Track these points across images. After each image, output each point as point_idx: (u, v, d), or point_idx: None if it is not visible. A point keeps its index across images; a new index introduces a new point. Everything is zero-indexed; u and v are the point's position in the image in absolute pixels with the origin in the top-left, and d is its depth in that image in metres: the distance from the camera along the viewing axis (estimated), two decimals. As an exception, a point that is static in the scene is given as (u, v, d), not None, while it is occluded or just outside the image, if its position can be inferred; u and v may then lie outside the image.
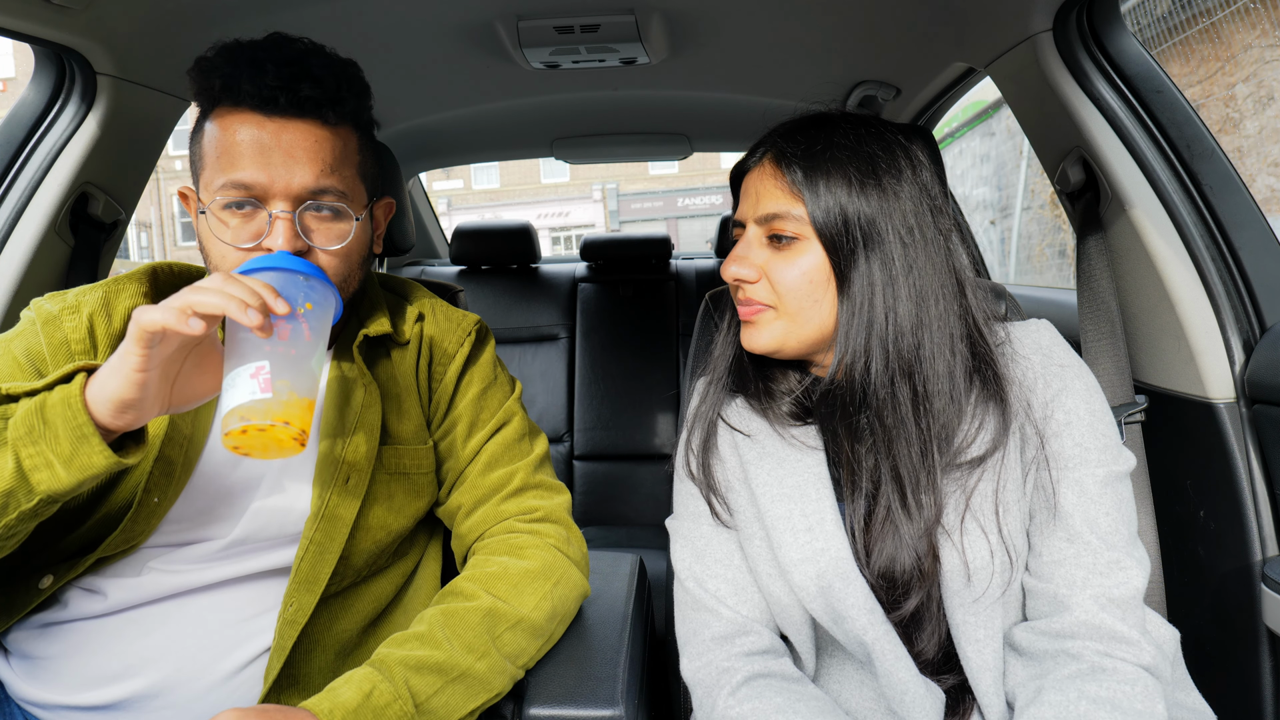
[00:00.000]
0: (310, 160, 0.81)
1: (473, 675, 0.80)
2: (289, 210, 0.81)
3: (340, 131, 0.85)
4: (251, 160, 0.80)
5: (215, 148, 0.81)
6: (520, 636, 0.85)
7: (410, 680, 0.76)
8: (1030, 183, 6.93)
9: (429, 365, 0.99)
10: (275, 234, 0.80)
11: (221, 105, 0.82)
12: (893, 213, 0.79)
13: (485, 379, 1.02)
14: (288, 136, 0.81)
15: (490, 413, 1.01)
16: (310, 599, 0.85)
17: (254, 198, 0.80)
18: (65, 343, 0.83)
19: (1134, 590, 0.75)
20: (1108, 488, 0.78)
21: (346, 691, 0.73)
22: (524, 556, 0.91)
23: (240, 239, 0.81)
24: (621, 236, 2.67)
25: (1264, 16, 4.31)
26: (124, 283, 0.88)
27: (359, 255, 0.89)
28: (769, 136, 0.87)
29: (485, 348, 1.04)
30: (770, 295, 0.83)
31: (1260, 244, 1.09)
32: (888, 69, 1.66)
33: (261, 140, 0.80)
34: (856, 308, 0.79)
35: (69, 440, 0.67)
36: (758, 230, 0.84)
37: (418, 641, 0.79)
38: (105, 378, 0.68)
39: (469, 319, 1.03)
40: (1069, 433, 0.79)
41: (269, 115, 0.81)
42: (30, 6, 1.02)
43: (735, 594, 0.86)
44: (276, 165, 0.80)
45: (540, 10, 1.34)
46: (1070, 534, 0.77)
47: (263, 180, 0.80)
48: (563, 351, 2.52)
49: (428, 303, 1.03)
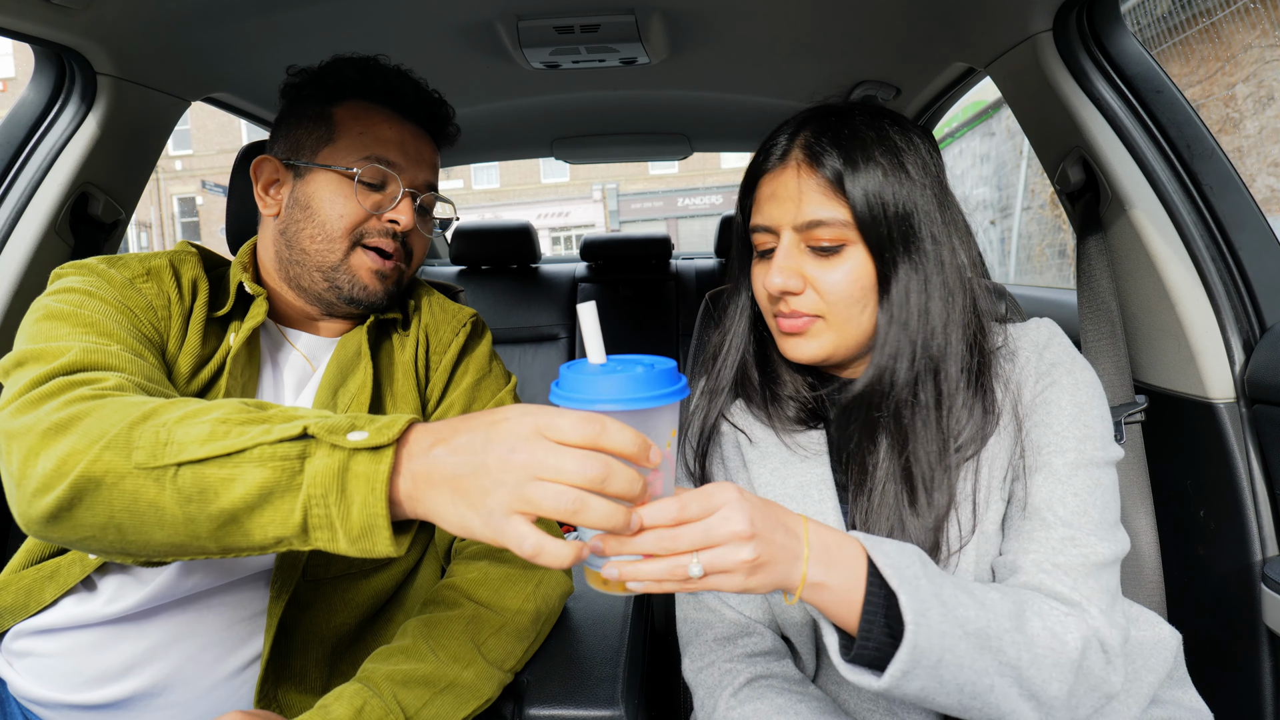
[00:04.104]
0: (431, 164, 1.01)
1: (460, 684, 0.80)
2: (413, 195, 0.97)
3: (438, 150, 1.04)
4: (395, 146, 0.95)
5: (356, 127, 0.94)
6: (506, 641, 0.86)
7: (399, 695, 0.76)
8: (1030, 183, 6.93)
9: (425, 354, 1.02)
10: (402, 208, 0.95)
11: (358, 97, 0.96)
12: (924, 207, 0.78)
13: (480, 370, 1.04)
14: (419, 142, 0.99)
15: (483, 404, 1.02)
16: (292, 574, 0.86)
17: (389, 175, 0.95)
18: (149, 305, 0.85)
19: (1083, 559, 0.72)
20: (1079, 471, 0.77)
21: (338, 709, 0.73)
22: (504, 559, 0.91)
23: (372, 206, 0.94)
24: (621, 236, 2.67)
25: (1264, 16, 4.31)
26: (184, 256, 0.93)
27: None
28: (790, 133, 0.83)
29: (481, 340, 1.07)
30: (818, 304, 0.80)
31: (1260, 244, 1.09)
32: (888, 69, 1.66)
33: (403, 134, 0.97)
34: (896, 308, 0.78)
35: (360, 523, 0.58)
36: (795, 237, 0.80)
37: (402, 655, 0.80)
38: (420, 480, 0.57)
39: (465, 311, 1.07)
40: (1048, 424, 0.79)
41: (407, 120, 0.98)
42: (30, 6, 1.02)
43: (739, 596, 0.86)
44: (412, 157, 0.97)
45: (540, 10, 1.34)
46: (1030, 511, 0.77)
47: (401, 164, 0.95)
48: (563, 351, 2.52)
49: (425, 294, 1.08)
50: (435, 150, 1.03)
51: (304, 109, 0.97)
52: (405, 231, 0.96)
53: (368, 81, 0.96)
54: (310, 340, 0.99)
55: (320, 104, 0.96)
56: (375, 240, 0.95)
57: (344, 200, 0.93)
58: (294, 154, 0.95)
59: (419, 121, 1.00)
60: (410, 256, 1.00)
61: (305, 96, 0.97)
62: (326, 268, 0.93)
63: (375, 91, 0.96)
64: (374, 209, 0.94)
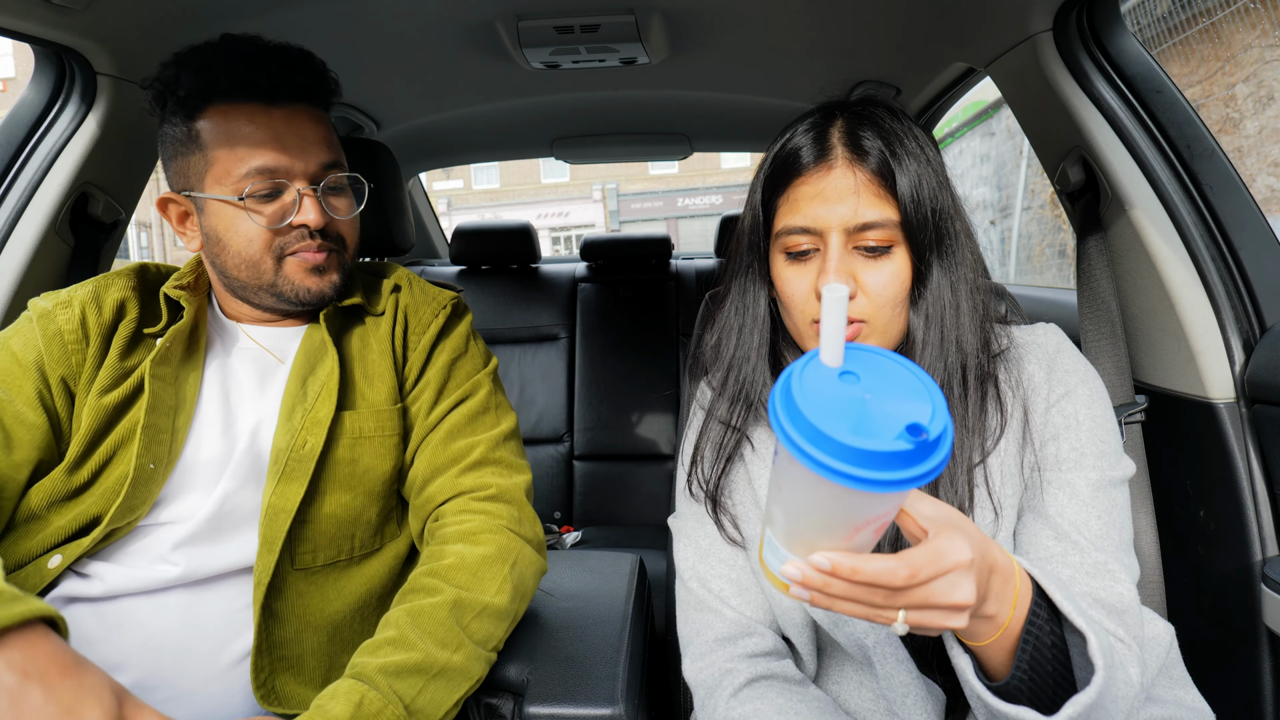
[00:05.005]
0: (317, 141, 0.91)
1: (451, 668, 0.81)
2: (312, 188, 0.90)
3: (325, 114, 0.96)
4: (270, 147, 0.88)
5: (224, 142, 0.88)
6: (488, 622, 0.86)
7: (394, 685, 0.76)
8: (1030, 183, 6.93)
9: (404, 334, 1.02)
10: (306, 210, 0.90)
11: (214, 103, 0.88)
12: (949, 206, 0.78)
13: (456, 349, 1.04)
14: (295, 123, 0.90)
15: (457, 383, 1.02)
16: (270, 559, 0.86)
17: (278, 182, 0.88)
18: (59, 334, 0.89)
19: (1119, 597, 0.72)
20: (1100, 492, 0.76)
21: (336, 706, 0.73)
22: (478, 543, 0.90)
23: (272, 221, 0.89)
24: (621, 236, 2.66)
25: (1264, 16, 4.31)
26: (113, 278, 0.95)
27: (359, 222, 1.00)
28: (818, 131, 0.79)
29: (460, 321, 1.07)
30: (866, 309, 0.76)
31: (1260, 244, 1.09)
32: (888, 69, 1.66)
33: (274, 127, 0.88)
34: (931, 308, 0.77)
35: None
36: (844, 238, 0.76)
37: (391, 647, 0.80)
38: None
39: (446, 294, 1.07)
40: (1066, 436, 0.78)
41: (274, 105, 0.89)
42: (30, 6, 1.02)
43: (739, 594, 0.86)
44: (293, 149, 0.89)
45: (540, 10, 1.34)
46: (1058, 533, 0.76)
47: (285, 164, 0.88)
48: (563, 351, 2.52)
49: (405, 276, 1.07)
50: (320, 120, 0.93)
51: (173, 130, 0.91)
52: (321, 227, 0.92)
53: (212, 83, 0.88)
54: (272, 333, 0.99)
55: (183, 120, 0.90)
56: (296, 247, 0.92)
57: (245, 224, 0.89)
58: (185, 184, 0.92)
59: (287, 100, 0.90)
60: (342, 242, 0.96)
61: (168, 114, 0.91)
62: (264, 285, 0.93)
63: (225, 90, 0.88)
64: (278, 221, 0.90)
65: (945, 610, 0.53)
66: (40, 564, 0.84)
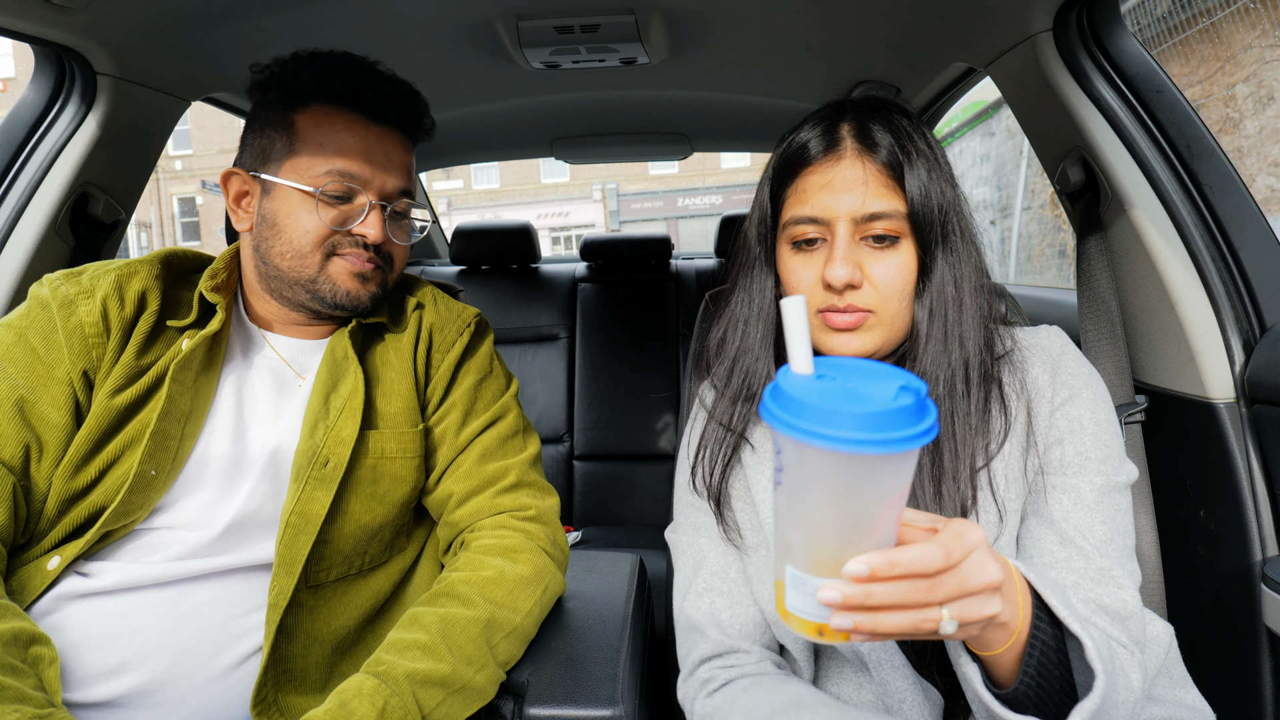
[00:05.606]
0: (400, 166, 0.96)
1: (472, 687, 0.82)
2: (382, 205, 0.94)
3: (413, 147, 1.00)
4: (358, 156, 0.92)
5: (317, 138, 0.91)
6: (513, 644, 0.88)
7: (417, 694, 0.77)
8: (1030, 183, 6.93)
9: (427, 351, 1.02)
10: (370, 222, 0.92)
11: (320, 103, 0.92)
12: (954, 201, 0.78)
13: (481, 370, 1.04)
14: (387, 146, 0.94)
15: (485, 404, 1.02)
16: (289, 581, 0.86)
17: (353, 188, 0.92)
18: (80, 326, 0.87)
19: (1123, 603, 0.72)
20: (1105, 497, 0.76)
21: (361, 708, 0.73)
22: (518, 561, 0.92)
23: (335, 222, 0.92)
24: (621, 236, 2.66)
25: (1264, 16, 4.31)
26: (137, 265, 0.93)
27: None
28: (827, 124, 0.80)
29: (484, 340, 1.07)
30: (873, 299, 0.77)
31: (1260, 244, 1.09)
32: (888, 69, 1.66)
33: (368, 140, 0.93)
34: (935, 302, 0.77)
35: None
36: (851, 228, 0.77)
37: (420, 651, 0.80)
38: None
39: (469, 311, 1.07)
40: (1071, 440, 0.78)
41: (374, 122, 0.94)
42: (30, 6, 1.02)
43: (730, 608, 0.86)
44: (378, 164, 0.93)
45: (540, 10, 1.34)
46: (1062, 538, 0.76)
47: (365, 174, 0.92)
48: (563, 351, 2.52)
49: (429, 293, 1.07)
50: (408, 151, 0.99)
51: (267, 114, 0.94)
52: (378, 243, 0.94)
53: (328, 85, 0.92)
54: (293, 344, 0.98)
55: (282, 109, 0.93)
56: (347, 251, 0.93)
57: (308, 216, 0.91)
58: (260, 166, 0.93)
59: (387, 122, 0.95)
60: (390, 262, 0.98)
61: (268, 100, 0.94)
62: (305, 280, 0.93)
63: (336, 95, 0.92)
64: (340, 224, 0.92)
65: (981, 595, 0.52)
66: (40, 564, 0.84)
